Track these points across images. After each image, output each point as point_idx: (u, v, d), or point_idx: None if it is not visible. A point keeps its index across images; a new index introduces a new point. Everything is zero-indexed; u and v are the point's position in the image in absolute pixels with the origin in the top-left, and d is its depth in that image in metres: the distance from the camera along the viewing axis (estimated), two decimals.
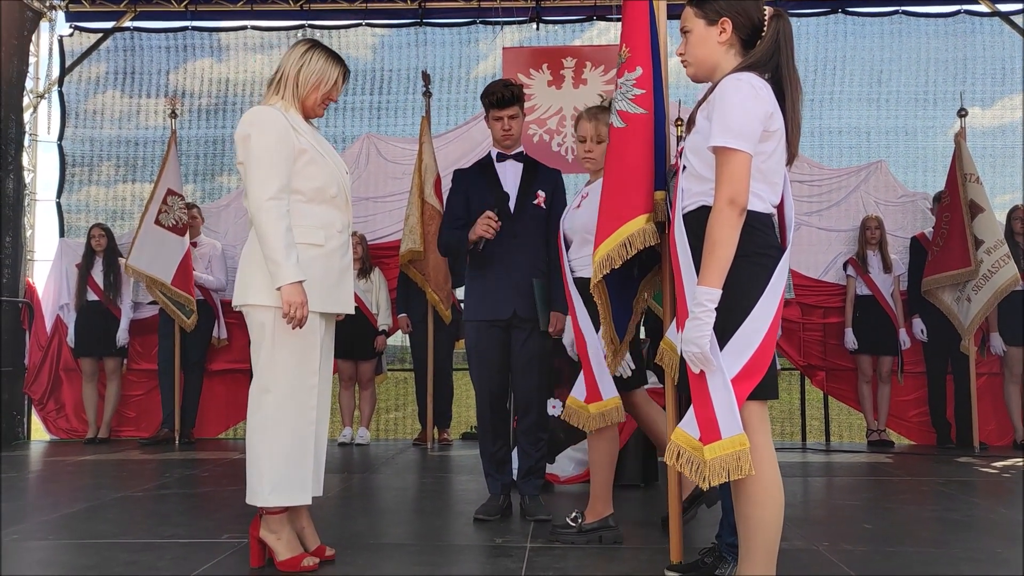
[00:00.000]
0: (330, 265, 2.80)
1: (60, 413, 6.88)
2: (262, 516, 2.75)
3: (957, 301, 6.03)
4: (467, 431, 6.94)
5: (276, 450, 2.70)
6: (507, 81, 3.69)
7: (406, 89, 7.28)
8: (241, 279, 2.78)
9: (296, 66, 2.81)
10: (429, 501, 4.05)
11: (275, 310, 2.68)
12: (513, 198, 3.62)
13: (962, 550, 3.02)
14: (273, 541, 2.73)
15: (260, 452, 2.71)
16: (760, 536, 2.12)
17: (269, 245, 2.62)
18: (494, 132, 3.68)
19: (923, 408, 6.44)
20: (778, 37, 2.21)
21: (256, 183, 2.67)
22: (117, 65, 7.40)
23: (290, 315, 2.61)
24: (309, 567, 2.71)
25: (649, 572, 2.72)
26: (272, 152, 2.68)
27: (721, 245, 2.08)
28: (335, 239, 2.82)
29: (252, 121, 2.72)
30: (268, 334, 2.70)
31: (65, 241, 7.08)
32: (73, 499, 4.07)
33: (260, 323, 2.72)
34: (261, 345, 2.73)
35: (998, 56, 6.98)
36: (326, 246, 2.79)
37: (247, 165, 2.70)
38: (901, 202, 6.77)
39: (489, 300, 3.58)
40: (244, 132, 2.71)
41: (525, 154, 3.74)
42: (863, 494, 4.25)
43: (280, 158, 2.69)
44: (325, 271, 2.77)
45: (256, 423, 2.72)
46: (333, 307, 2.83)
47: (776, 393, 2.21)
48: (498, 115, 3.62)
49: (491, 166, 3.70)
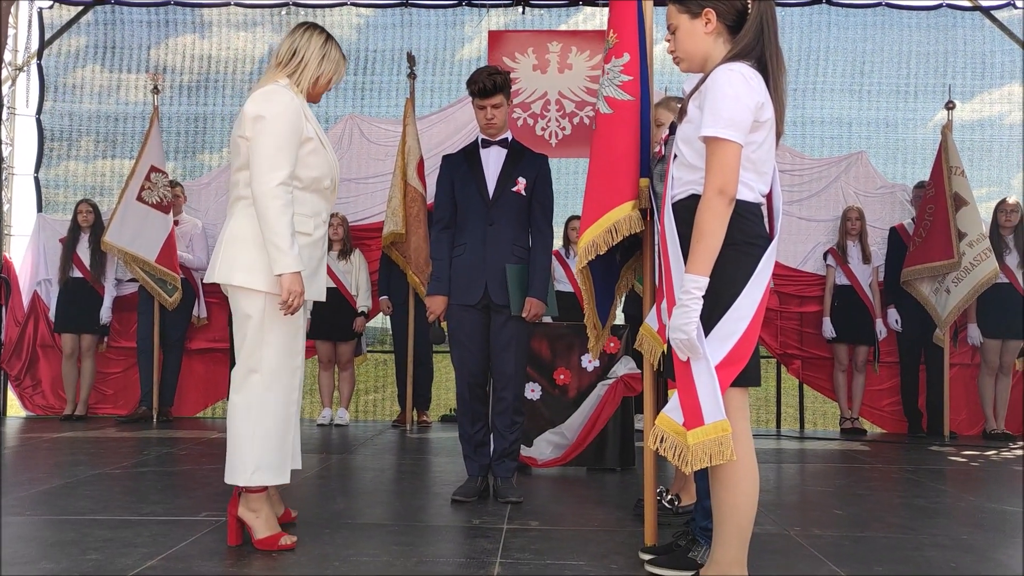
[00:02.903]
0: (313, 254, 2.84)
1: (36, 389, 6.83)
2: (241, 495, 2.76)
3: (935, 292, 6.11)
4: (446, 413, 6.97)
5: (260, 431, 2.72)
6: (493, 69, 3.67)
7: (390, 70, 7.24)
8: (226, 257, 2.75)
9: (318, 55, 2.83)
10: (407, 482, 4.08)
11: (266, 295, 2.70)
12: (493, 184, 3.65)
13: (928, 536, 3.09)
14: (252, 519, 2.75)
15: (243, 432, 2.72)
16: (734, 520, 2.16)
17: (275, 231, 2.64)
18: (478, 120, 3.70)
19: (896, 397, 6.54)
20: (762, 21, 2.23)
21: (266, 167, 2.66)
22: (98, 39, 7.30)
23: (288, 302, 2.65)
24: (286, 545, 2.74)
25: (623, 555, 2.76)
26: (285, 138, 2.69)
27: (709, 234, 2.11)
28: (320, 228, 2.86)
29: (269, 100, 2.71)
30: (257, 317, 2.72)
31: (43, 216, 7.01)
32: (50, 475, 4.05)
33: (248, 305, 2.73)
34: (248, 326, 2.73)
35: (979, 51, 7.05)
36: (313, 235, 2.83)
37: (256, 145, 2.68)
38: (880, 193, 6.83)
39: (462, 284, 3.63)
40: (258, 111, 2.70)
41: (511, 140, 3.75)
42: (835, 481, 4.32)
43: (291, 145, 2.71)
44: (308, 260, 2.80)
45: (241, 403, 2.74)
46: (314, 295, 2.86)
47: (758, 381, 2.25)
48: (482, 104, 3.62)
49: (476, 152, 3.72)
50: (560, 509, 3.55)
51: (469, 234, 3.63)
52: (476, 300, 3.60)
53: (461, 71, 7.25)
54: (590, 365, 4.50)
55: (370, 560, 2.67)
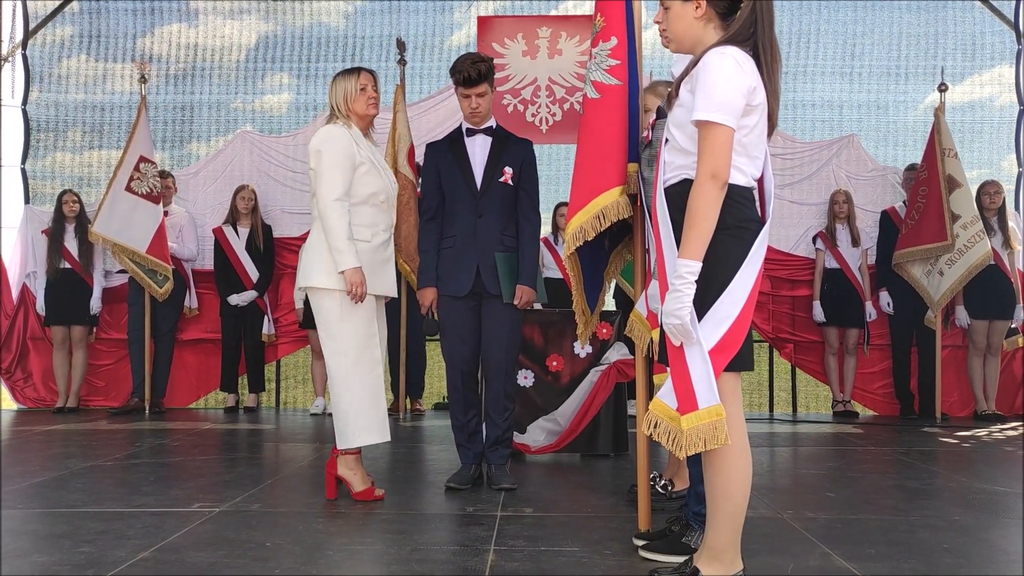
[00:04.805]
0: (374, 257, 3.37)
1: (27, 382, 6.80)
2: (340, 456, 3.34)
3: (927, 275, 6.12)
4: (439, 401, 6.97)
5: (355, 401, 3.30)
6: (476, 57, 3.62)
7: (379, 57, 7.18)
8: (304, 265, 3.37)
9: (333, 96, 3.42)
10: (401, 470, 4.08)
11: (340, 292, 3.27)
12: (480, 175, 3.65)
13: (920, 517, 3.10)
14: (350, 476, 3.35)
15: (343, 405, 3.31)
16: (727, 505, 2.16)
17: (335, 236, 3.23)
18: (463, 109, 3.69)
19: (888, 380, 6.56)
20: (756, 8, 2.21)
21: (325, 187, 3.26)
22: (83, 28, 7.21)
23: (353, 292, 3.22)
24: (379, 496, 3.37)
25: (617, 540, 2.77)
26: (339, 162, 3.28)
27: (702, 218, 2.10)
28: (379, 236, 3.41)
29: (325, 138, 3.32)
30: (336, 311, 3.29)
31: (31, 208, 6.95)
32: (43, 468, 4.04)
33: (327, 303, 3.30)
34: (330, 319, 3.30)
35: (968, 32, 7.03)
36: (372, 242, 3.38)
37: (318, 172, 3.28)
38: (871, 176, 6.83)
39: (451, 275, 3.64)
40: (317, 146, 3.31)
41: (496, 127, 3.74)
42: (827, 463, 4.34)
43: (345, 167, 3.29)
44: (371, 262, 3.34)
45: (337, 382, 3.32)
46: (378, 290, 3.38)
47: (751, 365, 2.25)
48: (466, 93, 3.61)
49: (461, 141, 3.71)
50: (554, 495, 3.56)
51: (458, 226, 3.64)
52: (465, 291, 3.61)
53: (451, 58, 7.19)
54: (583, 351, 4.50)
55: (364, 548, 2.67)
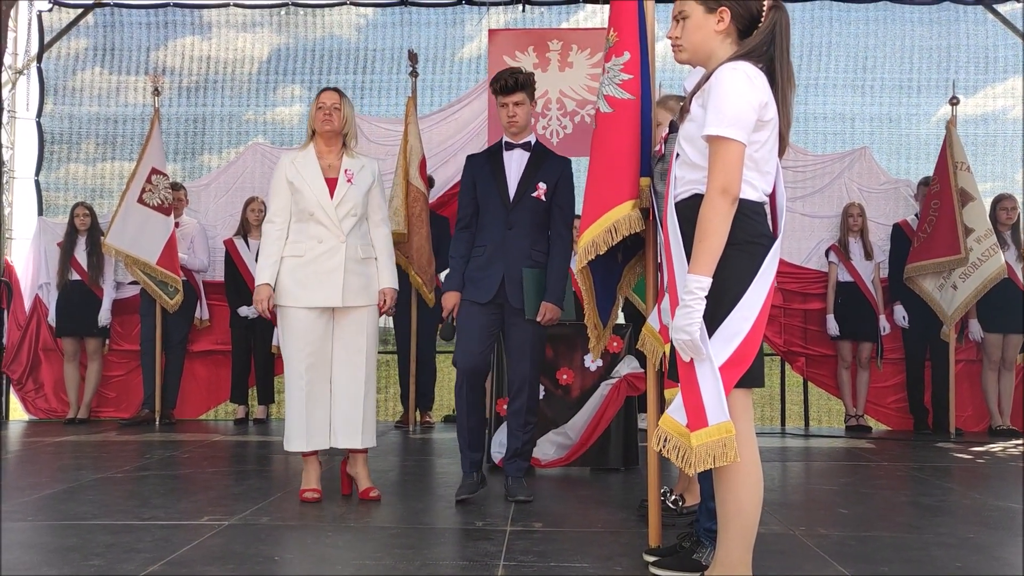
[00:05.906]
0: (309, 270, 3.56)
1: (39, 393, 6.82)
2: (350, 457, 3.75)
3: (940, 289, 6.08)
4: (449, 414, 6.95)
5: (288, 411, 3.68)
6: (518, 69, 3.72)
7: (390, 69, 7.22)
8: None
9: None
10: (410, 483, 4.07)
11: (279, 307, 3.61)
12: (513, 187, 3.68)
13: (934, 535, 3.07)
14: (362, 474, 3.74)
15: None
16: (738, 521, 2.14)
17: (259, 254, 3.64)
18: (500, 118, 3.75)
19: (901, 394, 6.51)
20: (774, 28, 2.20)
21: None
22: (97, 41, 7.29)
23: (260, 308, 3.57)
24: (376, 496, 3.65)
25: (627, 556, 2.75)
26: (274, 187, 3.66)
27: (712, 234, 2.09)
28: (316, 249, 3.58)
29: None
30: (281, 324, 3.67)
31: (44, 219, 6.99)
32: (53, 480, 4.05)
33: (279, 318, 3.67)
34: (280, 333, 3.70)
35: (981, 45, 7.01)
36: (305, 256, 3.57)
37: None
38: (884, 189, 6.80)
39: (476, 282, 3.68)
40: None
41: (535, 143, 3.78)
42: (840, 479, 4.30)
43: (278, 190, 3.64)
44: (303, 276, 3.56)
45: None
46: (312, 303, 3.55)
47: (762, 382, 2.23)
48: (504, 101, 3.67)
49: (499, 154, 3.77)
50: (564, 510, 3.54)
51: (488, 237, 3.69)
52: (487, 298, 3.64)
53: (461, 70, 7.24)
54: (593, 365, 4.48)
55: (373, 563, 2.66)
